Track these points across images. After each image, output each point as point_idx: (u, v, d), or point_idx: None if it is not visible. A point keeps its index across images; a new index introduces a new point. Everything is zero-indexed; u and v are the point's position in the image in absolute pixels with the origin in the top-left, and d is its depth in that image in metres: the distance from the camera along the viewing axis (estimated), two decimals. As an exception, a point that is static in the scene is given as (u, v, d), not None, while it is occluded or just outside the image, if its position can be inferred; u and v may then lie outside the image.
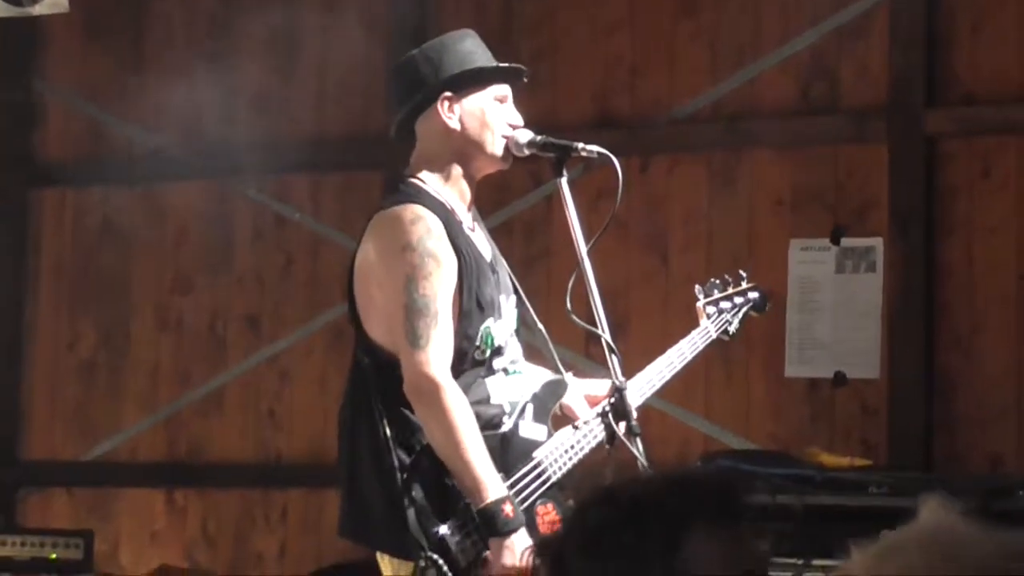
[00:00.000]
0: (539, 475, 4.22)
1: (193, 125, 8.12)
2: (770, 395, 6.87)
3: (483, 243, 4.37)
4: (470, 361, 4.20)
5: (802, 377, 6.82)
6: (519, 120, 4.35)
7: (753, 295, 4.95)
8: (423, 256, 4.16)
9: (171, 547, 8.00)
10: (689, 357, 4.59)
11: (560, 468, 4.24)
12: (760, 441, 6.77)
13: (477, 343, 4.21)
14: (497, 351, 4.25)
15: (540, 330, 4.43)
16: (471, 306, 4.20)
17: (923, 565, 1.50)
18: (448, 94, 4.31)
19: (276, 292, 7.84)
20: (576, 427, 4.29)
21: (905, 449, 6.53)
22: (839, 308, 6.78)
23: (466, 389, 4.16)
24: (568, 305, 4.09)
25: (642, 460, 3.89)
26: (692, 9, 7.16)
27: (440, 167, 4.32)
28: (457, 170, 4.33)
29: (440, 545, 4.06)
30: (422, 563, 4.04)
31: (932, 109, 6.68)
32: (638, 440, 3.93)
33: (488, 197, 6.45)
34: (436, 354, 4.11)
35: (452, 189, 4.32)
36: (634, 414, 4.07)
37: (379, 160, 7.23)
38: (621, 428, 4.03)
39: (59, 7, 6.01)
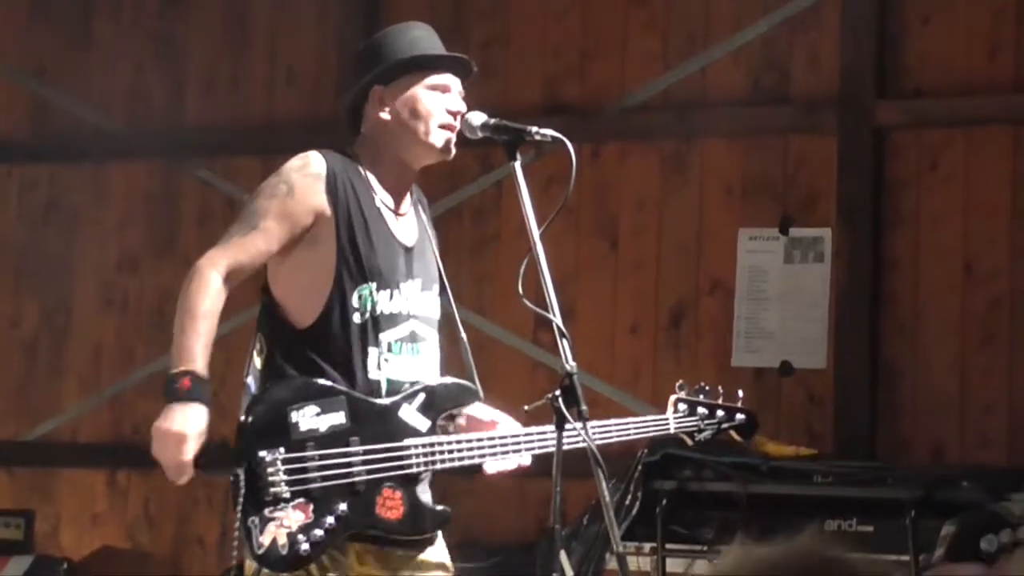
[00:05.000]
0: (398, 459, 4.19)
1: (141, 105, 8.09)
2: (717, 383, 6.88)
3: (407, 228, 4.35)
4: (347, 321, 4.19)
5: (749, 366, 6.85)
6: (461, 108, 4.33)
7: (740, 417, 4.81)
8: (280, 181, 4.21)
9: (113, 528, 7.96)
10: (632, 436, 4.55)
11: (424, 465, 4.21)
12: (706, 429, 6.79)
13: (354, 304, 4.20)
14: (379, 321, 4.22)
15: (463, 338, 4.41)
16: (346, 265, 4.19)
17: None
18: (377, 87, 4.31)
19: (223, 274, 7.80)
20: (468, 438, 4.24)
21: (850, 439, 6.57)
22: (786, 298, 6.81)
23: (337, 350, 4.17)
24: (519, 289, 4.08)
25: (591, 445, 3.88)
26: (644, -4, 7.17)
27: (376, 152, 4.33)
28: (393, 159, 4.33)
29: (254, 466, 4.06)
30: (231, 477, 4.06)
31: (882, 101, 6.72)
32: (587, 425, 3.92)
33: (439, 182, 6.46)
34: (222, 254, 4.14)
35: (383, 171, 4.32)
36: (582, 400, 4.05)
37: (329, 143, 7.19)
38: (572, 413, 4.01)
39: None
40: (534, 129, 4.22)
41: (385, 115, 4.31)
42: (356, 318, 4.19)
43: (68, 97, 8.19)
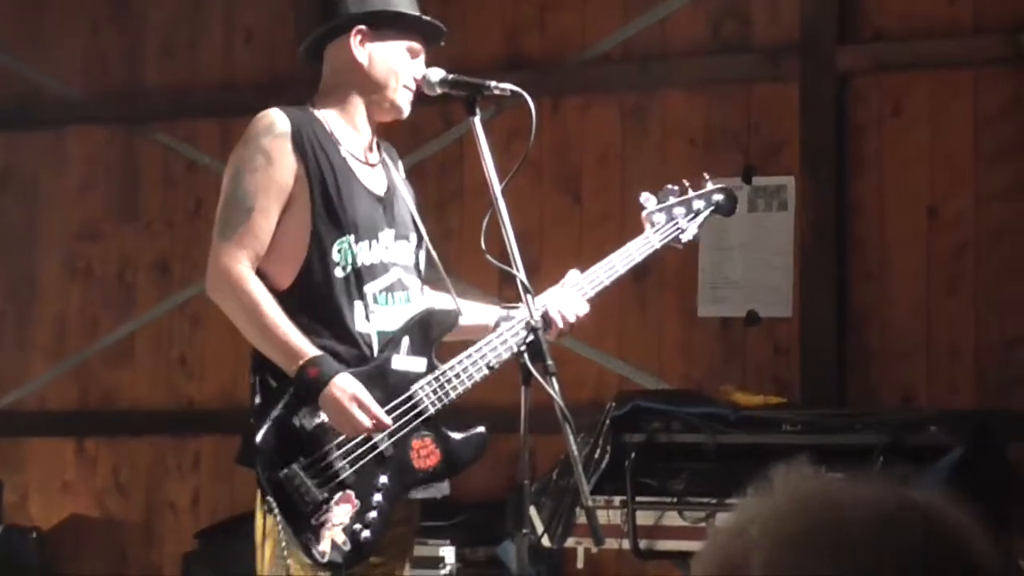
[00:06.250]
0: (413, 407, 4.19)
1: (98, 69, 8.03)
2: (683, 334, 6.88)
3: (376, 178, 4.33)
4: (329, 276, 4.17)
5: (715, 316, 6.84)
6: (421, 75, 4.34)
7: (718, 197, 4.68)
8: (254, 150, 4.18)
9: (82, 497, 7.93)
10: (622, 271, 4.51)
11: (438, 401, 4.21)
12: (674, 381, 6.79)
13: (334, 258, 4.17)
14: (361, 272, 4.20)
15: (437, 264, 4.41)
16: (323, 219, 4.17)
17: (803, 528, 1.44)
18: (363, 27, 4.29)
19: (186, 237, 7.77)
20: (468, 355, 4.25)
21: (818, 386, 6.57)
22: (751, 247, 6.79)
23: (322, 305, 4.14)
24: (483, 245, 4.07)
25: (559, 401, 3.87)
26: (602, -52, 7.13)
27: (340, 99, 4.32)
28: (357, 106, 4.31)
29: (279, 488, 4.05)
30: (264, 507, 4.05)
31: (843, 46, 6.70)
32: (554, 380, 3.91)
33: (400, 139, 6.40)
34: (238, 247, 4.11)
35: (346, 122, 4.30)
36: (548, 353, 4.04)
37: (288, 103, 7.14)
38: (537, 368, 4.00)
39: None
40: (493, 83, 4.21)
41: (363, 58, 4.29)
42: (338, 272, 4.18)
43: (24, 63, 8.11)
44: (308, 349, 4.07)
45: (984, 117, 6.51)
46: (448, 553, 6.59)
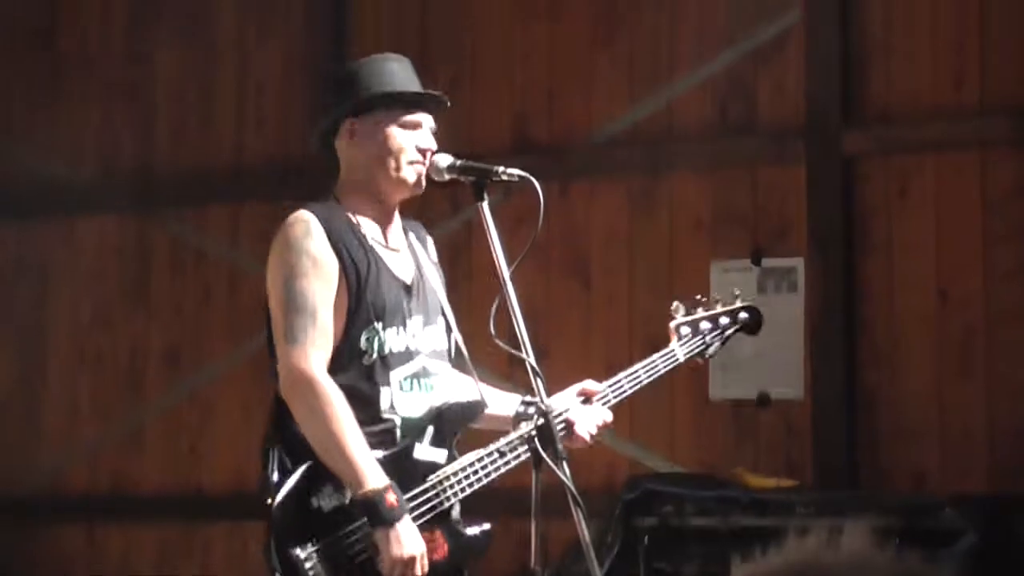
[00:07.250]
0: (428, 500, 4.17)
1: (109, 158, 8.06)
2: (695, 417, 6.87)
3: (402, 263, 4.34)
4: (353, 364, 4.17)
5: (726, 398, 6.82)
6: (432, 145, 4.32)
7: (744, 316, 4.76)
8: (299, 255, 4.18)
9: (92, 584, 7.90)
10: (645, 381, 4.55)
11: (453, 495, 4.19)
12: (686, 463, 6.77)
13: (362, 347, 4.18)
14: (388, 359, 4.20)
15: (463, 353, 4.41)
16: (354, 310, 4.18)
17: None
18: (352, 121, 4.30)
19: (195, 325, 7.77)
20: (486, 453, 4.22)
21: (830, 468, 6.54)
22: (762, 328, 6.77)
23: (349, 392, 4.13)
24: (492, 329, 4.06)
25: (570, 486, 3.85)
26: (609, 32, 7.17)
27: (357, 188, 4.34)
28: (369, 194, 4.33)
29: (291, 566, 4.03)
30: None
31: (849, 129, 6.72)
32: (564, 465, 3.89)
33: (408, 224, 6.43)
34: (311, 350, 4.10)
35: (369, 208, 4.32)
36: (559, 439, 4.02)
37: (299, 189, 7.17)
38: (547, 452, 3.98)
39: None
40: (501, 169, 4.21)
41: (355, 149, 4.31)
42: (365, 360, 4.18)
43: (35, 152, 8.15)
44: (381, 476, 4.06)
45: (991, 198, 6.53)
46: (460, 639, 6.54)
